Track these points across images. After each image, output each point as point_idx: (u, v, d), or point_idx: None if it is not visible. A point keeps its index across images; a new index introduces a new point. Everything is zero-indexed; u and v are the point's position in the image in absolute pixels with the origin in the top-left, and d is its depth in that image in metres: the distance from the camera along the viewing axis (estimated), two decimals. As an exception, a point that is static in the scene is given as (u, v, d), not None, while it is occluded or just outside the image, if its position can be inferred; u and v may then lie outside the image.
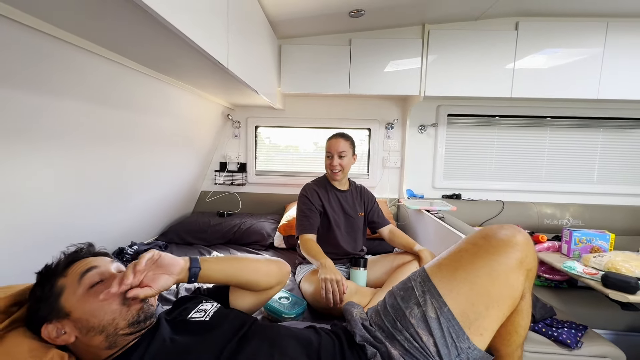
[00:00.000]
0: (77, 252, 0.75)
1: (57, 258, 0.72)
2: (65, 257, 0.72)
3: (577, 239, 1.50)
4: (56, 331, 0.65)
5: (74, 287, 0.67)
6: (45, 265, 0.71)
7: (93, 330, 0.65)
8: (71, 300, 0.66)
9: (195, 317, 0.76)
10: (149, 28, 0.87)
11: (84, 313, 0.65)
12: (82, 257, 0.73)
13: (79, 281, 0.68)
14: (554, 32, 2.07)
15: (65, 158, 1.17)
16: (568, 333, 1.05)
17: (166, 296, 1.36)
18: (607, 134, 2.48)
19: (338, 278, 1.20)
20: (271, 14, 1.81)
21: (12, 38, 0.81)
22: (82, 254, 0.75)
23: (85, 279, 0.68)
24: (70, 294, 0.67)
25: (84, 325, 0.65)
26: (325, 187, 1.63)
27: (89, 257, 0.74)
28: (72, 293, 0.67)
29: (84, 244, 0.77)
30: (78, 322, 0.65)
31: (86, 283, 0.68)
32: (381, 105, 2.50)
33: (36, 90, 0.95)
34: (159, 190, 1.95)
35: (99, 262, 0.73)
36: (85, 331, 0.65)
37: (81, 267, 0.70)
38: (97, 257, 0.75)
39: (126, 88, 1.28)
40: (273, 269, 0.94)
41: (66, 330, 0.65)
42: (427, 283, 0.78)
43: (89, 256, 0.75)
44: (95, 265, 0.72)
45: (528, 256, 0.76)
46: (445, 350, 0.71)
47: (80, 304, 0.66)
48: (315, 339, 0.77)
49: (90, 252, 0.77)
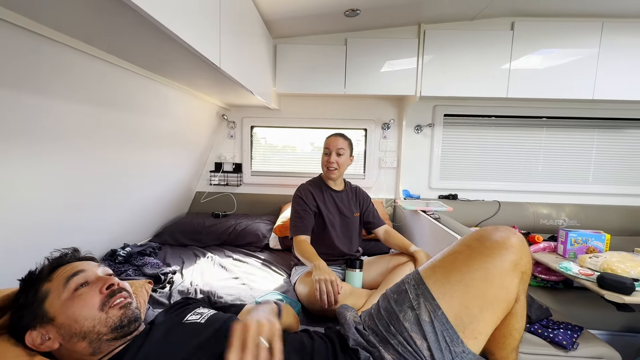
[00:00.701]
0: (62, 257, 0.74)
1: (41, 264, 0.71)
2: (50, 262, 0.72)
3: (573, 239, 1.50)
4: (40, 337, 0.64)
5: (59, 292, 0.66)
6: (29, 272, 0.70)
7: (76, 337, 0.64)
8: (55, 305, 0.65)
9: (191, 320, 0.76)
10: (140, 28, 0.86)
11: (67, 318, 0.64)
12: (68, 261, 0.73)
13: (65, 285, 0.67)
14: (550, 33, 2.07)
15: (58, 159, 1.15)
16: (564, 334, 1.04)
17: (158, 299, 1.35)
18: (602, 134, 2.48)
19: (332, 278, 1.19)
20: (266, 13, 1.80)
21: (7, 40, 0.80)
22: (67, 258, 0.74)
23: (70, 282, 0.67)
24: (55, 299, 0.66)
25: (67, 331, 0.64)
26: (320, 188, 1.62)
27: (74, 262, 0.73)
28: (56, 297, 0.66)
29: (68, 249, 0.77)
30: (61, 328, 0.64)
31: (71, 287, 0.67)
32: (377, 105, 2.49)
33: (30, 92, 0.94)
34: (153, 191, 1.93)
35: (85, 267, 0.72)
36: (69, 337, 0.64)
37: (67, 272, 0.69)
38: (82, 262, 0.74)
39: (119, 88, 1.26)
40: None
41: (50, 336, 0.64)
42: (420, 286, 0.77)
43: (74, 261, 0.74)
44: (81, 269, 0.71)
45: (522, 258, 0.75)
46: (439, 354, 0.70)
47: (64, 308, 0.65)
48: (309, 343, 0.77)
49: (76, 257, 0.76)
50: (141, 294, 1.08)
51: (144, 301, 1.09)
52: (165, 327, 0.74)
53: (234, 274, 1.62)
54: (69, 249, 0.77)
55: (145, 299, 1.10)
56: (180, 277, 1.57)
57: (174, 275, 1.56)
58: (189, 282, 1.51)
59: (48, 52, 0.92)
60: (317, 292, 1.18)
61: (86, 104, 1.15)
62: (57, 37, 0.89)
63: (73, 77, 1.04)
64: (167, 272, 1.53)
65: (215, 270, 1.67)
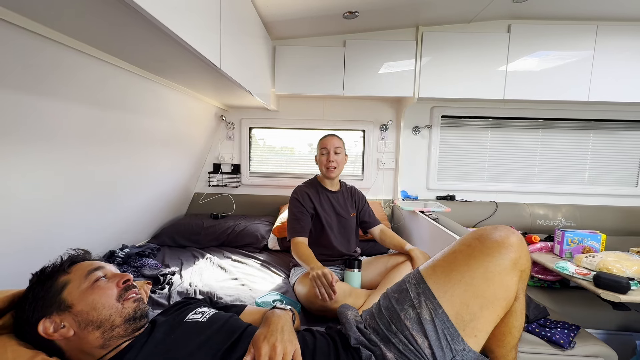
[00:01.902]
0: (79, 255, 0.78)
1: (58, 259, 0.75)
2: (69, 257, 0.75)
3: (569, 239, 1.51)
4: (54, 326, 0.65)
5: (80, 282, 0.69)
6: (44, 267, 0.72)
7: (91, 325, 0.66)
8: (74, 293, 0.68)
9: (192, 319, 0.77)
10: (140, 28, 0.86)
11: (86, 305, 0.67)
12: (84, 259, 0.77)
13: (86, 277, 0.70)
14: (546, 35, 2.09)
15: (55, 159, 1.15)
16: (561, 333, 1.05)
17: (157, 300, 1.34)
18: (597, 135, 2.51)
19: (325, 271, 1.21)
20: (265, 14, 1.80)
21: (2, 38, 0.79)
22: (85, 256, 0.79)
23: (91, 275, 0.71)
24: (74, 288, 0.68)
25: (84, 318, 0.66)
26: (316, 189, 1.63)
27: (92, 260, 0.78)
28: (76, 287, 0.69)
29: (81, 250, 0.80)
30: (79, 315, 0.66)
31: (92, 278, 0.71)
32: (375, 106, 2.50)
33: (27, 91, 0.93)
34: (152, 192, 1.92)
35: (103, 264, 0.77)
36: (84, 325, 0.66)
37: (87, 266, 0.73)
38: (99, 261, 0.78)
39: (118, 88, 1.26)
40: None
41: (65, 323, 0.66)
42: (421, 285, 0.78)
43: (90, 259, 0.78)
44: (100, 265, 0.75)
45: (522, 257, 0.76)
46: (440, 352, 0.70)
47: (84, 296, 0.68)
48: (311, 341, 0.77)
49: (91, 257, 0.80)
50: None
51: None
52: (166, 326, 0.75)
53: (233, 274, 1.62)
54: (82, 250, 0.81)
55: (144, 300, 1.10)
56: (180, 278, 1.56)
57: (172, 276, 1.55)
58: (188, 283, 1.50)
59: (47, 52, 0.91)
60: (315, 290, 1.20)
61: (84, 104, 1.15)
62: (57, 37, 0.89)
63: (72, 77, 1.04)
64: (166, 273, 1.52)
65: (215, 271, 1.66)
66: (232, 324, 0.77)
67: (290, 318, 0.80)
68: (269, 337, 0.69)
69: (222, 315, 0.80)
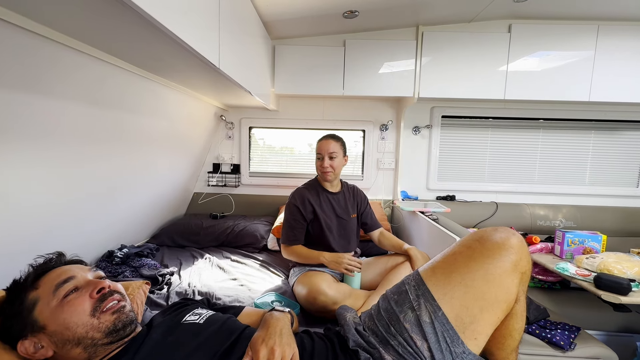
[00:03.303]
0: (47, 262, 0.72)
1: (25, 272, 0.69)
2: (34, 269, 0.69)
3: (570, 240, 1.51)
4: (33, 346, 0.63)
5: (48, 299, 0.64)
6: (13, 281, 0.68)
7: (69, 343, 0.63)
8: (45, 313, 0.63)
9: (189, 320, 0.76)
10: (139, 28, 0.85)
11: (58, 326, 0.63)
12: (53, 267, 0.71)
13: (54, 293, 0.65)
14: (546, 35, 2.08)
15: (53, 159, 1.14)
16: (561, 334, 1.05)
17: (156, 300, 1.34)
18: (598, 136, 2.50)
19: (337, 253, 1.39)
20: (265, 14, 1.80)
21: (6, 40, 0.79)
22: (52, 264, 0.72)
23: (60, 290, 0.65)
24: (44, 306, 0.64)
25: (59, 338, 0.63)
26: (316, 190, 1.62)
27: (61, 267, 0.71)
28: (46, 305, 0.64)
29: (53, 254, 0.74)
30: (53, 336, 0.63)
31: (60, 294, 0.65)
32: (375, 106, 2.50)
33: (24, 90, 0.93)
34: (151, 192, 1.92)
35: (73, 271, 0.70)
36: (62, 344, 0.63)
37: (55, 278, 0.67)
38: (70, 266, 0.72)
39: (117, 88, 1.25)
40: None
41: (43, 344, 0.63)
42: (421, 287, 0.77)
43: (60, 265, 0.72)
44: (70, 275, 0.69)
45: (522, 259, 0.75)
46: (439, 355, 0.70)
47: (54, 316, 0.63)
48: (309, 344, 0.77)
49: (62, 262, 0.74)
50: (138, 295, 1.07)
51: (142, 302, 1.08)
52: (163, 327, 0.74)
53: (232, 275, 1.61)
54: (54, 254, 0.74)
55: (142, 300, 1.09)
56: (178, 279, 1.56)
57: (171, 276, 1.55)
58: (186, 283, 1.50)
59: (45, 51, 0.91)
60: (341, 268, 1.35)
61: (83, 103, 1.15)
62: (56, 37, 0.89)
63: (70, 76, 1.03)
64: (165, 273, 1.52)
65: (213, 272, 1.66)
66: (230, 326, 0.77)
67: (289, 321, 0.79)
68: (267, 340, 0.68)
69: (220, 317, 0.79)
